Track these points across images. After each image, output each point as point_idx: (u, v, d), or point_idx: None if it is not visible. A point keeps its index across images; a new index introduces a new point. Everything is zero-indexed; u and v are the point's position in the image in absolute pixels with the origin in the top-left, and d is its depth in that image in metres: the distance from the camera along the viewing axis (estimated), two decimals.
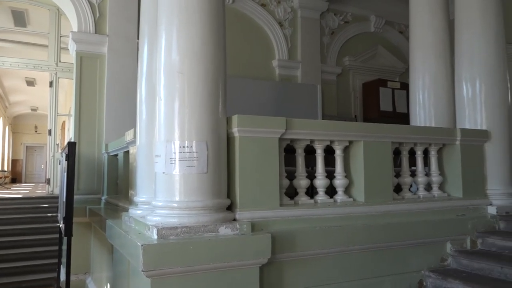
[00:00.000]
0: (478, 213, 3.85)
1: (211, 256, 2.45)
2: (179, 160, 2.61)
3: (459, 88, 4.30)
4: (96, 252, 5.65)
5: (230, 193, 2.83)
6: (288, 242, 2.85)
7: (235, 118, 2.78)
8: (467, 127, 4.14)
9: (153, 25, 3.07)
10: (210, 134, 2.66)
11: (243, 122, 2.79)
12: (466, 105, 4.22)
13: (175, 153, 2.62)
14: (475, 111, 4.16)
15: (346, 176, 3.37)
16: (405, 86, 7.28)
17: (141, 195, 3.22)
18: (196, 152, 2.61)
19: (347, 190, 3.41)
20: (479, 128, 4.09)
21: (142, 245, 2.29)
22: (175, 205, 2.59)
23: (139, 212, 3.13)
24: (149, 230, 2.56)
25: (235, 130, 2.79)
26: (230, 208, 2.81)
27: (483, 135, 4.02)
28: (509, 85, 4.24)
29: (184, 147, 2.61)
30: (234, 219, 2.74)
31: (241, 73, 6.82)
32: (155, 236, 2.45)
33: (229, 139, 2.87)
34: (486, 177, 4.02)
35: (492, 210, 3.89)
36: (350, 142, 3.40)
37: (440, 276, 3.31)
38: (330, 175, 3.38)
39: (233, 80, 6.29)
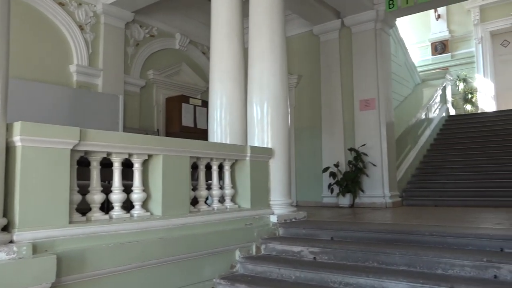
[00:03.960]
0: (263, 222, 4.33)
1: None
2: None
3: (251, 110, 4.80)
4: None
5: (7, 211, 2.46)
6: (78, 262, 2.64)
7: (17, 125, 2.45)
8: (256, 145, 4.63)
9: None
10: None
11: (27, 130, 2.47)
12: (255, 125, 4.73)
13: None
14: (263, 131, 4.70)
15: (144, 190, 3.34)
16: (205, 104, 7.69)
17: None
18: None
19: (145, 204, 3.38)
20: (265, 146, 4.63)
21: None
22: None
23: None
24: None
25: (17, 138, 2.45)
26: (7, 228, 2.44)
27: (269, 152, 4.57)
28: (289, 110, 4.95)
29: None
30: (11, 241, 2.39)
31: (31, 76, 6.07)
32: None
33: (10, 149, 2.50)
34: (270, 190, 4.56)
35: (274, 219, 4.43)
36: (150, 156, 3.39)
37: (229, 282, 3.58)
38: (128, 189, 3.29)
39: (20, 82, 5.56)
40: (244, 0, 5.23)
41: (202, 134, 7.09)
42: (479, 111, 12.19)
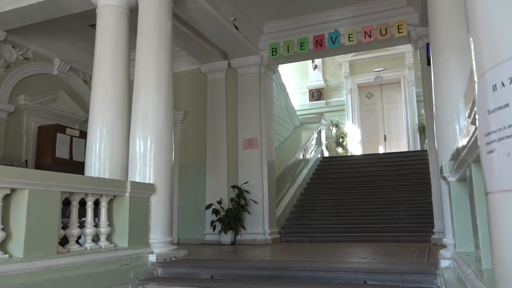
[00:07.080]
0: (141, 262, 4.11)
1: None
2: None
3: (133, 144, 4.64)
4: None
5: None
6: None
7: None
8: (137, 180, 4.45)
9: None
10: None
11: None
12: (138, 159, 4.57)
13: None
14: (145, 166, 4.55)
15: (3, 229, 2.95)
16: (84, 135, 7.22)
17: None
18: None
19: (3, 245, 2.98)
20: (147, 181, 4.48)
21: None
22: None
23: None
24: None
25: None
26: None
27: (150, 188, 4.42)
28: (173, 146, 4.90)
29: None
30: None
31: None
32: None
33: None
34: (150, 227, 4.39)
35: (152, 258, 4.24)
36: (13, 190, 3.03)
37: None
38: None
39: None
40: (132, 32, 5.15)
41: (78, 167, 6.61)
42: (348, 154, 13.50)
